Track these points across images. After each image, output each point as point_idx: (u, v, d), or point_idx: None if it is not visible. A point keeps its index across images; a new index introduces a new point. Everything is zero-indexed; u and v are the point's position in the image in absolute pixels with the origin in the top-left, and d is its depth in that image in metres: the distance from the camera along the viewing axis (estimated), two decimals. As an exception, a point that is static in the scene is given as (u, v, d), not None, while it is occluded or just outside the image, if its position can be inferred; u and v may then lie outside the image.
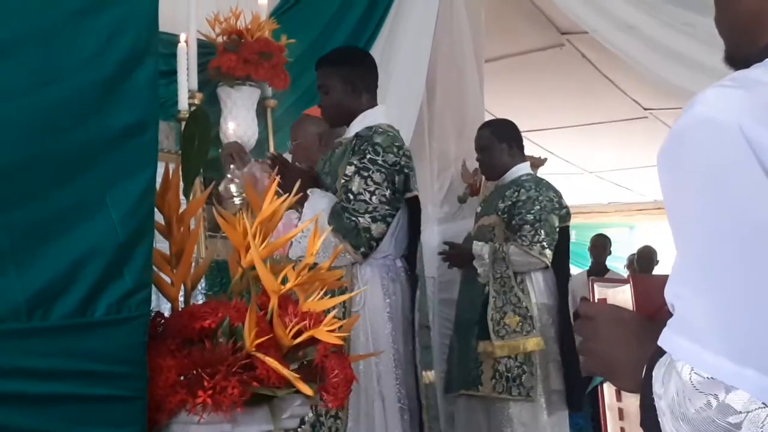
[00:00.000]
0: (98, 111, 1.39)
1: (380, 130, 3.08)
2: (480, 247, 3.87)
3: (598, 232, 7.69)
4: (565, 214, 3.96)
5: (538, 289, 3.84)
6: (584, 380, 3.91)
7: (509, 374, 3.72)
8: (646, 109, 6.91)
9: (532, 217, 3.82)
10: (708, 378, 0.84)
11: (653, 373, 0.92)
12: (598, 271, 7.02)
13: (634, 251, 7.97)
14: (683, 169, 0.91)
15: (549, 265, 3.83)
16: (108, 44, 1.41)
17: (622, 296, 1.17)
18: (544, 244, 3.80)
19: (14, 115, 1.34)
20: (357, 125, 3.16)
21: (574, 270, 7.20)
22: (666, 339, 0.90)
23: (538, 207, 3.84)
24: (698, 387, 0.84)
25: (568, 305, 3.98)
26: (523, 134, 4.16)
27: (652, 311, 1.06)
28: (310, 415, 2.87)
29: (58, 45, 1.38)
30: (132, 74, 1.42)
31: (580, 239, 8.41)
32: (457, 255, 4.05)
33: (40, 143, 1.36)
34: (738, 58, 1.03)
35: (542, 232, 3.80)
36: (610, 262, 7.48)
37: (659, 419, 0.90)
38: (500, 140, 4.02)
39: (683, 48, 4.06)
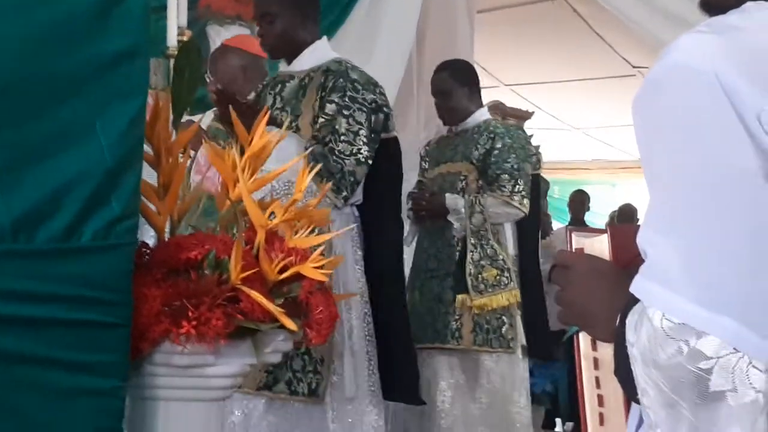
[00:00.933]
0: (90, 36, 1.38)
1: (350, 65, 2.87)
2: (454, 201, 3.73)
3: (578, 189, 7.75)
4: (536, 162, 3.92)
5: (509, 240, 3.79)
6: (559, 330, 3.91)
7: (489, 326, 3.65)
8: (635, 67, 6.90)
9: (509, 166, 3.72)
10: (679, 324, 0.84)
11: (626, 321, 0.92)
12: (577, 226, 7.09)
13: (616, 208, 8.05)
14: (657, 116, 0.91)
15: (527, 214, 3.76)
16: None
17: (600, 246, 1.17)
18: (523, 193, 3.72)
19: (3, 36, 1.33)
20: (308, 58, 2.92)
21: (555, 225, 7.27)
22: (638, 285, 0.90)
23: (514, 156, 3.75)
24: (669, 333, 0.84)
25: (538, 255, 3.94)
26: (510, 87, 4.13)
27: (629, 261, 1.07)
28: (288, 375, 2.70)
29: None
30: (124, 1, 1.42)
31: (563, 195, 8.46)
32: (430, 209, 3.81)
33: (29, 66, 1.34)
34: (713, 4, 1.01)
35: (521, 181, 3.72)
36: (591, 218, 7.56)
37: (632, 367, 0.90)
38: (462, 84, 3.86)
39: (675, 6, 4.04)
